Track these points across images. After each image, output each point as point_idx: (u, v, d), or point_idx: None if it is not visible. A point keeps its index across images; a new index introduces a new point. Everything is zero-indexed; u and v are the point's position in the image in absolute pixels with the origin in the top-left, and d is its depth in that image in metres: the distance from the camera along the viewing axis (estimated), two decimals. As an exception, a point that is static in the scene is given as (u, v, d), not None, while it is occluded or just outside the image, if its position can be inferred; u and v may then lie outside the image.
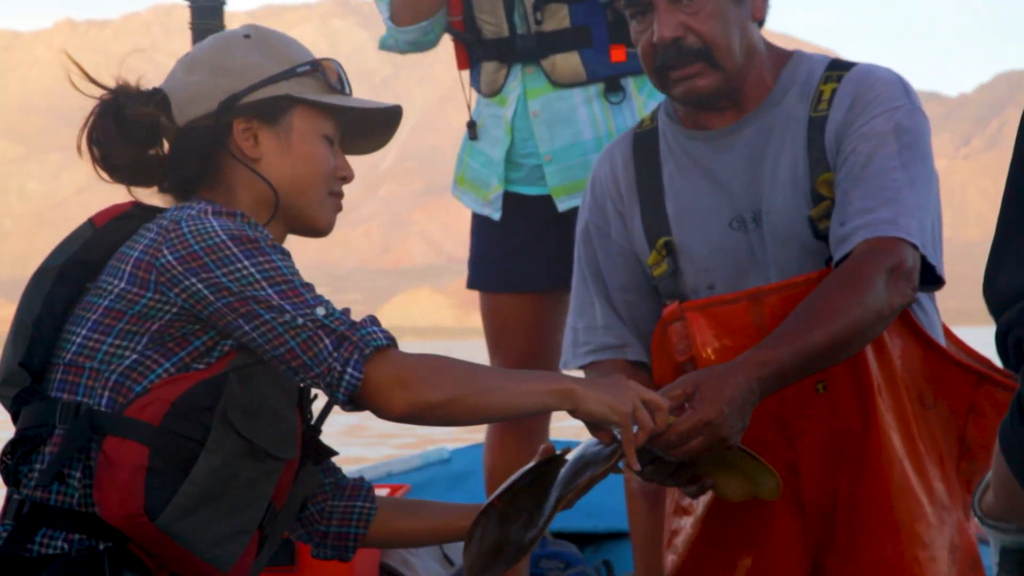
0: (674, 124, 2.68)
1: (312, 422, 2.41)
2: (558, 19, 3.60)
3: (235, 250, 2.21)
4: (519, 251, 3.75)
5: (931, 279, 2.53)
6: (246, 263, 2.20)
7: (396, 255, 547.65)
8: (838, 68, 2.60)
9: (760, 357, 2.35)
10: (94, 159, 2.38)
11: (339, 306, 2.21)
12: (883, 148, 2.50)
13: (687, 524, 2.64)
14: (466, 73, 3.84)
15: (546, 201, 3.69)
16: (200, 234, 2.22)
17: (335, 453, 2.46)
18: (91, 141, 2.38)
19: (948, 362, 2.59)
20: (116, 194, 2.41)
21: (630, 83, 3.67)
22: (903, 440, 2.53)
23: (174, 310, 2.21)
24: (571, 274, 3.80)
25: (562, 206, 3.65)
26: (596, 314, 2.71)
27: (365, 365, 2.17)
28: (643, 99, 3.68)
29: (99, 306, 2.25)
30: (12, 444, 2.25)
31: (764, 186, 2.57)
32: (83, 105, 2.36)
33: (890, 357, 2.54)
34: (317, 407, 2.42)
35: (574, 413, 2.23)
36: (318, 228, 2.42)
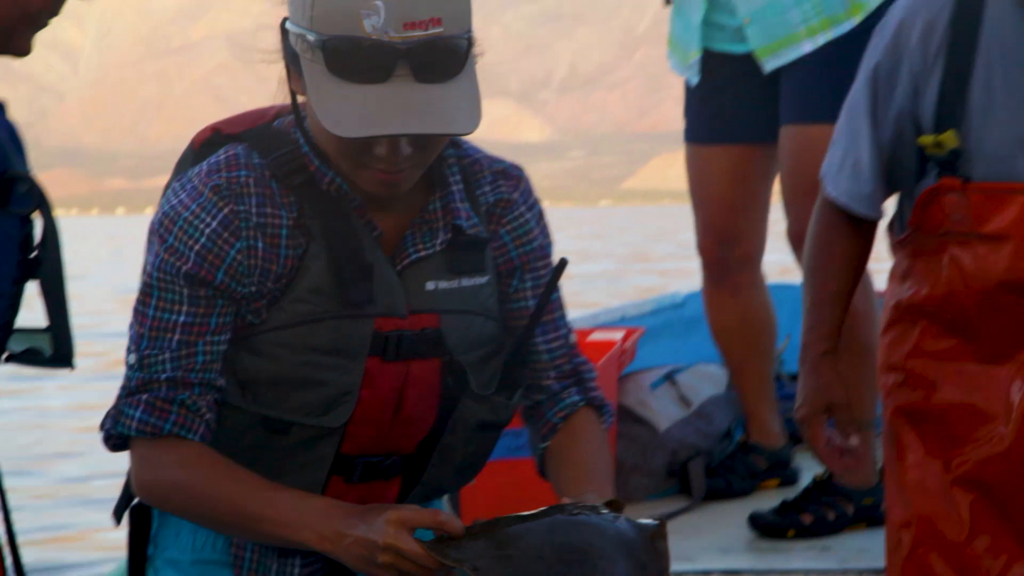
0: (1013, 4, 2.34)
1: (453, 358, 2.12)
2: None
3: (155, 238, 2.04)
4: (723, 106, 3.80)
5: None
6: (150, 259, 2.04)
7: (652, 119, 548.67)
8: None
9: None
10: None
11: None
12: None
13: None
14: None
15: (749, 58, 3.72)
16: (162, 203, 2.07)
17: (485, 399, 2.13)
18: None
19: None
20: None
21: None
22: None
23: None
24: (775, 128, 3.79)
25: (768, 66, 3.68)
26: (860, 154, 2.46)
27: (122, 438, 2.06)
28: None
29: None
30: None
31: None
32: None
33: None
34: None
35: None
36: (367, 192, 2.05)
